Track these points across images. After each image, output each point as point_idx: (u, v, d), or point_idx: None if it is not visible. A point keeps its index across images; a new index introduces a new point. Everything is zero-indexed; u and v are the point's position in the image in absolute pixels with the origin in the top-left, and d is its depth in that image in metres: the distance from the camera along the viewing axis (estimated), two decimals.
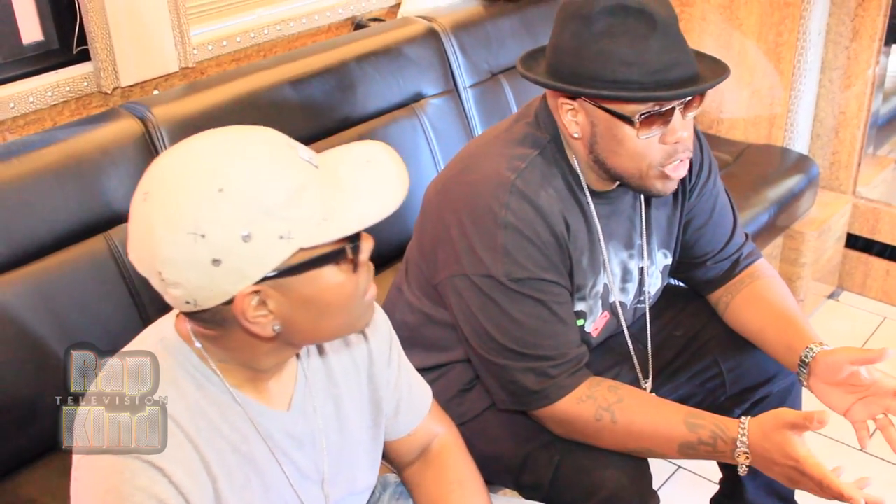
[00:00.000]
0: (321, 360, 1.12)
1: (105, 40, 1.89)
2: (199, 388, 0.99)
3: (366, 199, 0.93)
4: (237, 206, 0.86)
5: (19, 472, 1.54)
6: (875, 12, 2.61)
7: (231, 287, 0.89)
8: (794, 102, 2.68)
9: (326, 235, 0.90)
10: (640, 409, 1.35)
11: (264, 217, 0.87)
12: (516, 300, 1.34)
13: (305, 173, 0.91)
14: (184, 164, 0.89)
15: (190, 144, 0.92)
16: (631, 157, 1.33)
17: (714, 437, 1.31)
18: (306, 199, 0.89)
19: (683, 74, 1.27)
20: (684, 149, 1.34)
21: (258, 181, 0.88)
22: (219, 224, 0.86)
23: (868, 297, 2.90)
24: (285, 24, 2.30)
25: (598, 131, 1.34)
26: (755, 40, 2.67)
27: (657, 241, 1.55)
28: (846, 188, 2.85)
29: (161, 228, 0.87)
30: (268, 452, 1.04)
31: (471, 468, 1.27)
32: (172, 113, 1.81)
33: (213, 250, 0.86)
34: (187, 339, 0.99)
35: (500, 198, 1.33)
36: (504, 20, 2.44)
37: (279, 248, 0.88)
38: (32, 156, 1.62)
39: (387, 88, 2.15)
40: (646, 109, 1.28)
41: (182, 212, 0.86)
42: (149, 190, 0.90)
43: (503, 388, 1.39)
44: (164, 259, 0.88)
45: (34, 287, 1.56)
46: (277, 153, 0.91)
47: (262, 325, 0.93)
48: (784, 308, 1.52)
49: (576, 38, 1.30)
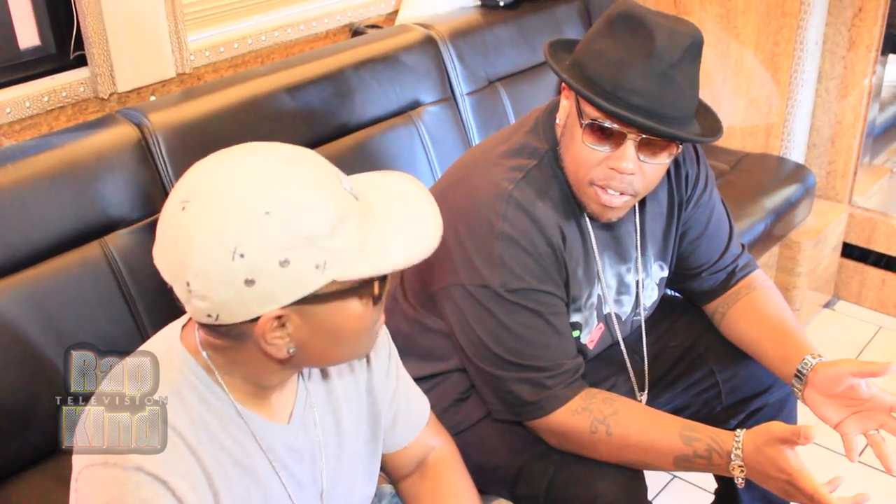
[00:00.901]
0: (321, 374, 1.12)
1: (102, 46, 1.88)
2: (203, 401, 0.98)
3: (401, 239, 0.93)
4: (281, 230, 0.86)
5: (14, 478, 1.53)
6: (871, 22, 2.62)
7: (258, 308, 0.89)
8: (790, 112, 2.68)
9: (359, 271, 0.91)
10: (636, 421, 1.35)
11: (304, 245, 0.87)
12: (512, 311, 1.34)
13: (347, 205, 0.91)
14: (230, 180, 0.89)
15: (235, 158, 0.91)
16: (574, 159, 1.35)
17: (709, 451, 1.31)
18: (345, 231, 0.89)
19: (648, 108, 1.25)
20: (620, 182, 1.32)
21: (304, 209, 0.88)
22: (259, 246, 0.86)
23: (864, 307, 2.91)
24: (283, 30, 2.30)
25: (568, 123, 1.36)
26: (752, 49, 2.68)
27: (653, 253, 1.55)
28: (842, 197, 2.86)
29: (200, 240, 0.87)
30: (268, 465, 1.04)
31: (466, 482, 1.27)
32: (169, 119, 1.80)
33: (249, 270, 0.86)
34: (193, 352, 0.99)
35: (497, 209, 1.34)
36: (501, 28, 2.44)
37: (313, 277, 0.88)
38: (28, 161, 1.61)
39: (384, 96, 2.15)
40: (597, 118, 1.29)
41: (225, 228, 0.86)
42: (190, 199, 0.89)
43: (499, 399, 1.39)
44: (197, 271, 0.87)
45: (29, 293, 1.55)
46: (324, 181, 0.91)
47: (277, 347, 0.93)
48: (780, 319, 1.52)
49: (595, 33, 1.33)
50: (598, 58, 1.28)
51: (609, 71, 1.26)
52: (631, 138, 1.28)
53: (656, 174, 1.34)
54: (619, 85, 1.25)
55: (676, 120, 1.28)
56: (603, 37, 1.30)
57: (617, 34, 1.28)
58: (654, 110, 1.26)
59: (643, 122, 1.25)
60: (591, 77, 1.28)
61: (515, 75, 2.46)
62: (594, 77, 1.28)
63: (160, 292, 1.63)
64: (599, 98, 1.26)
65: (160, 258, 0.91)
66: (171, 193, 0.92)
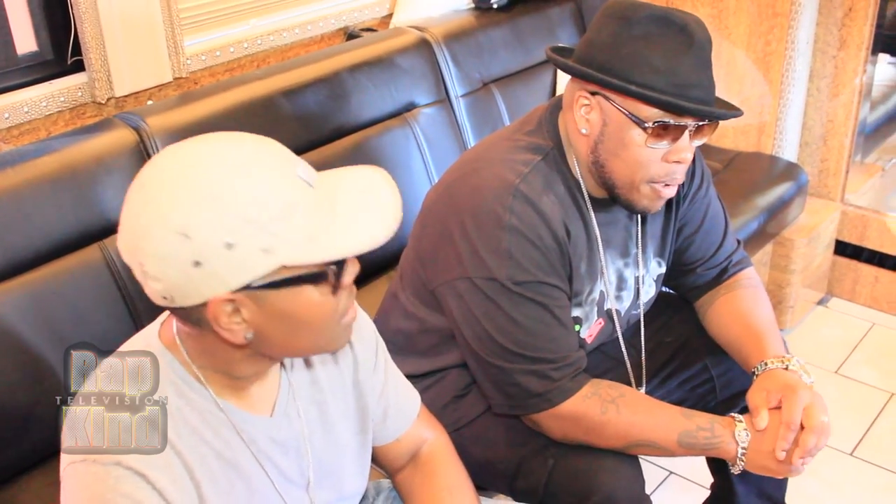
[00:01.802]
0: (305, 366, 1.13)
1: (99, 50, 1.90)
2: (181, 396, 0.99)
3: (354, 228, 0.93)
4: (226, 213, 0.87)
5: (14, 481, 1.54)
6: (862, 22, 2.64)
7: (207, 290, 0.90)
8: (782, 111, 2.70)
9: (309, 257, 0.91)
10: (642, 403, 1.39)
11: (250, 228, 0.88)
12: (518, 303, 1.35)
13: (299, 192, 0.91)
14: (184, 163, 0.91)
15: (196, 144, 0.93)
16: (629, 164, 1.35)
17: (711, 422, 1.36)
18: (295, 217, 0.90)
19: (705, 97, 1.31)
20: (682, 171, 1.37)
21: (251, 193, 0.89)
22: (204, 228, 0.87)
23: (857, 304, 2.93)
24: (278, 34, 2.31)
25: (608, 131, 1.35)
26: (744, 49, 2.70)
27: (652, 249, 1.57)
28: (835, 195, 2.88)
29: (148, 221, 0.88)
30: (251, 458, 1.05)
31: (461, 474, 1.28)
32: (167, 123, 1.81)
33: (196, 252, 0.87)
34: (171, 347, 1.00)
35: (504, 201, 1.35)
36: (495, 30, 2.46)
37: (260, 261, 0.89)
38: (27, 165, 1.62)
39: (379, 98, 2.16)
40: (660, 118, 1.30)
41: (172, 210, 0.88)
42: (145, 182, 0.91)
43: (502, 392, 1.40)
44: (148, 252, 0.89)
45: (29, 296, 1.56)
46: (275, 168, 0.92)
47: (233, 332, 0.93)
48: (749, 321, 1.53)
49: (614, 37, 1.32)
50: (640, 61, 1.29)
51: (661, 72, 1.28)
52: (689, 129, 1.32)
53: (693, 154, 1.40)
54: (677, 83, 1.28)
55: (714, 102, 1.33)
56: (632, 40, 1.30)
57: (647, 34, 1.29)
58: (708, 98, 1.31)
59: (713, 111, 1.30)
60: (646, 84, 1.29)
61: (509, 77, 2.48)
62: (648, 83, 1.28)
63: None
64: (668, 97, 1.28)
65: (120, 241, 0.92)
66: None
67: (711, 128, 1.36)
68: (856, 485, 2.22)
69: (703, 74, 1.30)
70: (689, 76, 1.29)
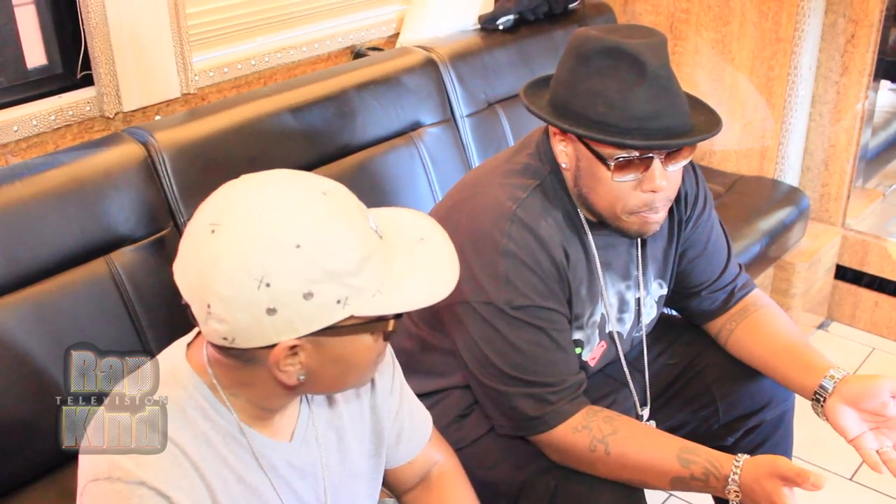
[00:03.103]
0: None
1: (109, 65, 1.91)
2: (207, 419, 1.00)
3: (419, 280, 0.95)
4: (309, 264, 0.88)
5: (18, 492, 1.53)
6: (864, 48, 2.66)
7: (276, 336, 0.90)
8: (784, 135, 2.72)
9: (377, 309, 0.93)
10: (635, 441, 1.36)
11: (330, 280, 0.89)
12: (517, 327, 1.35)
13: (373, 244, 0.93)
14: (262, 207, 0.90)
15: (270, 186, 0.92)
16: (606, 198, 1.36)
17: (706, 474, 1.32)
18: (369, 269, 0.91)
19: (667, 125, 1.28)
20: (663, 199, 1.35)
21: (334, 245, 0.89)
22: (286, 278, 0.87)
23: (857, 328, 2.93)
24: (285, 52, 2.33)
25: (582, 166, 1.37)
26: (747, 74, 2.72)
27: (653, 271, 1.57)
28: (836, 220, 2.89)
29: (227, 265, 0.88)
30: (269, 483, 1.05)
31: (470, 495, 1.29)
32: (174, 138, 1.82)
33: (273, 300, 0.88)
34: (199, 370, 1.00)
35: (502, 226, 1.36)
36: (501, 51, 2.48)
37: (333, 311, 0.90)
38: (35, 179, 1.62)
39: (385, 117, 2.17)
40: (622, 154, 1.30)
41: (254, 257, 0.87)
42: (220, 222, 0.90)
43: (503, 414, 1.41)
44: (220, 295, 0.88)
45: (35, 309, 1.56)
46: (353, 218, 0.93)
47: (289, 374, 0.94)
48: (793, 335, 1.54)
49: (571, 74, 1.33)
50: (595, 98, 1.29)
51: (614, 108, 1.28)
52: (657, 158, 1.31)
53: (678, 177, 1.38)
54: (632, 116, 1.27)
55: (686, 124, 1.31)
56: (586, 77, 1.30)
57: (600, 69, 1.29)
58: (671, 126, 1.29)
59: (669, 143, 1.28)
60: (599, 120, 1.29)
61: (514, 97, 2.48)
62: (602, 119, 1.28)
63: (165, 309, 1.67)
64: (620, 138, 1.27)
65: (182, 277, 0.92)
66: (199, 212, 0.93)
67: (683, 154, 1.34)
68: None
69: (661, 102, 1.28)
70: (644, 108, 1.27)
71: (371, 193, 2.07)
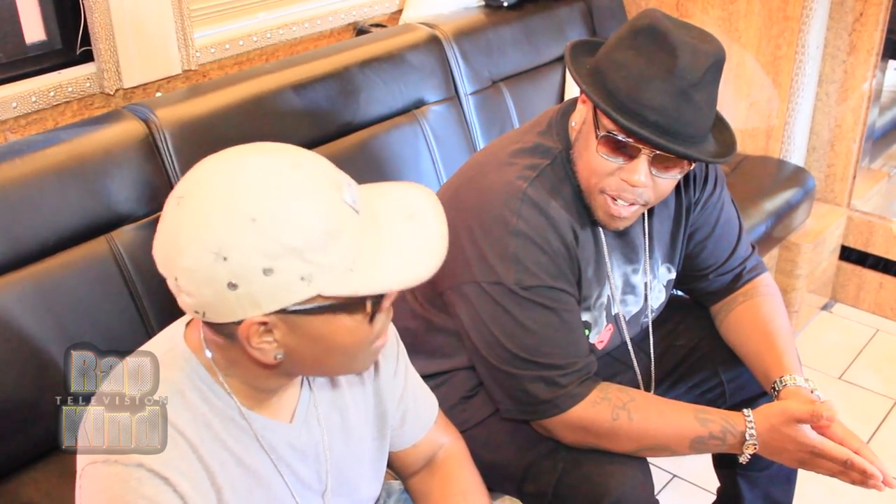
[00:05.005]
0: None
1: (109, 41, 1.88)
2: (205, 401, 0.98)
3: (400, 260, 0.91)
4: (265, 239, 0.85)
5: (19, 473, 1.52)
6: (872, 27, 2.63)
7: (241, 312, 0.88)
8: (791, 115, 2.69)
9: (348, 288, 0.89)
10: (654, 407, 1.38)
11: (290, 256, 0.86)
12: (527, 308, 1.34)
13: (344, 219, 0.89)
14: (225, 180, 0.88)
15: (238, 157, 0.90)
16: (586, 167, 1.35)
17: (724, 432, 1.35)
18: (337, 246, 0.87)
19: (666, 125, 1.25)
20: (631, 194, 1.32)
21: (292, 220, 0.86)
22: (243, 252, 0.85)
23: (861, 310, 2.93)
24: (287, 28, 2.30)
25: (583, 129, 1.36)
26: (754, 53, 2.69)
27: (660, 255, 1.56)
28: (841, 201, 2.87)
29: (186, 238, 0.86)
30: (270, 464, 1.04)
31: (476, 479, 1.27)
32: (176, 115, 1.80)
33: (232, 274, 0.86)
34: (196, 350, 0.99)
35: (512, 206, 1.34)
36: (505, 28, 2.45)
37: (297, 289, 0.87)
38: (35, 156, 1.60)
39: (389, 94, 2.15)
40: (612, 130, 1.28)
41: (210, 230, 0.86)
42: (184, 195, 0.89)
43: (511, 398, 1.39)
44: (183, 268, 0.87)
45: (35, 288, 1.55)
46: (321, 192, 0.89)
47: (264, 352, 0.92)
48: (770, 332, 1.53)
49: (618, 40, 1.32)
50: (619, 69, 1.27)
51: (628, 84, 1.26)
52: (645, 153, 1.28)
53: (667, 187, 1.35)
54: (637, 100, 1.25)
55: (691, 138, 1.27)
56: (625, 48, 1.29)
57: (640, 46, 1.27)
58: (670, 128, 1.25)
59: (656, 140, 1.25)
60: (610, 89, 1.27)
61: (518, 75, 2.47)
62: (613, 89, 1.27)
63: (166, 288, 1.66)
64: (616, 112, 1.25)
65: (156, 251, 0.91)
66: (175, 186, 0.92)
67: (678, 164, 1.31)
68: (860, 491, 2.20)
69: (672, 102, 1.24)
70: (654, 99, 1.24)
71: (374, 171, 2.06)
